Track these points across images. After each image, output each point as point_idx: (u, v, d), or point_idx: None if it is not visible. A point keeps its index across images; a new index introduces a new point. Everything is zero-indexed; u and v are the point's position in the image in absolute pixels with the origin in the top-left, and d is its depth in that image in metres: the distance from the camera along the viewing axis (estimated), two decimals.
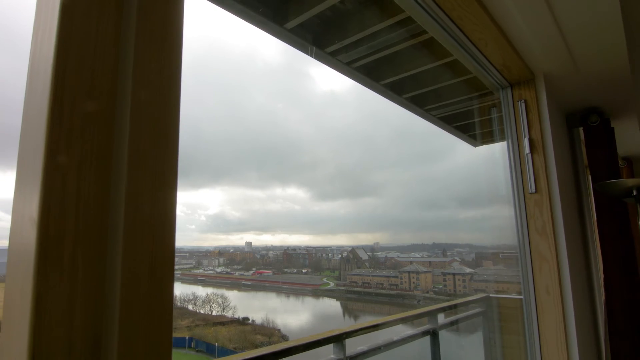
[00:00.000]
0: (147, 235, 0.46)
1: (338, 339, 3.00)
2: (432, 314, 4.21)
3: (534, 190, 2.22)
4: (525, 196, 2.25)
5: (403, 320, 3.88)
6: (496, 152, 4.10)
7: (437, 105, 3.50)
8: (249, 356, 2.43)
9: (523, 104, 2.28)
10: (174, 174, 0.50)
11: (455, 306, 4.90)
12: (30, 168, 0.42)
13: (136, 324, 0.44)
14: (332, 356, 3.00)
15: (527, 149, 2.24)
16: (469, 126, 3.77)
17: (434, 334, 4.23)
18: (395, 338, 3.72)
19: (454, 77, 2.97)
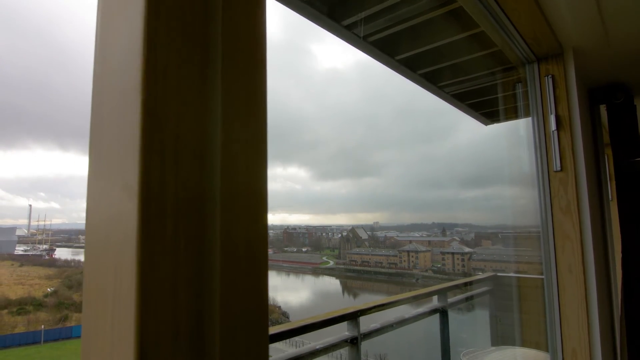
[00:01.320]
0: (242, 209, 0.42)
1: (352, 317, 3.01)
2: (442, 292, 4.22)
3: (559, 169, 2.17)
4: (549, 174, 2.20)
5: (415, 299, 3.90)
6: (509, 131, 4.04)
7: (451, 81, 3.42)
8: (283, 329, 2.42)
9: (550, 80, 2.21)
10: (264, 145, 0.45)
11: (464, 284, 4.93)
12: (121, 133, 0.37)
13: (236, 302, 0.40)
14: (347, 333, 3.01)
15: (553, 126, 2.18)
16: (482, 104, 3.70)
17: (443, 312, 4.25)
18: (406, 316, 3.74)
19: (473, 52, 2.88)
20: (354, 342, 2.99)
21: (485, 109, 3.83)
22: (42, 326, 41.66)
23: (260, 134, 0.45)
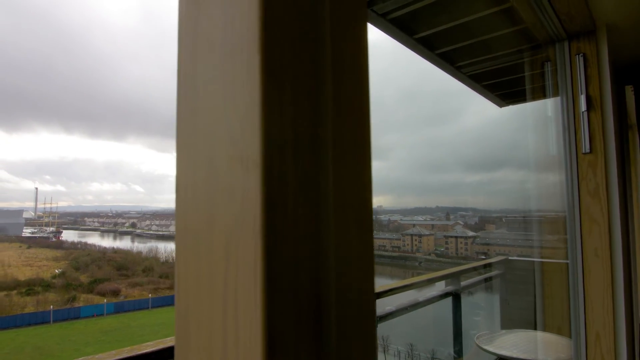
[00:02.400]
0: (350, 182, 0.38)
1: None
2: (456, 276, 4.22)
3: (588, 151, 2.12)
4: (578, 157, 2.15)
5: (430, 281, 3.90)
6: (526, 112, 3.97)
7: (470, 61, 3.33)
8: None
9: (581, 58, 2.14)
10: (369, 123, 0.41)
11: (475, 268, 4.92)
12: (238, 96, 0.33)
13: (348, 285, 0.37)
14: None
15: (583, 107, 2.12)
16: (500, 85, 3.63)
17: (456, 296, 4.26)
18: (420, 299, 3.74)
19: (497, 30, 2.80)
20: None
21: (503, 90, 3.76)
22: (51, 307, 42.38)
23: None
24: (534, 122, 2.66)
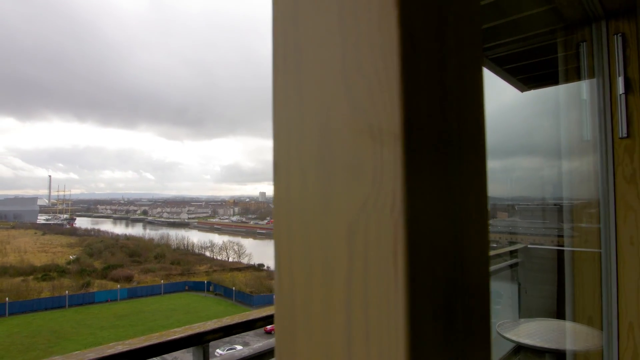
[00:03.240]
0: (471, 176, 0.34)
1: None
2: None
3: (625, 135, 2.04)
4: (614, 141, 2.07)
5: None
6: (550, 97, 3.86)
7: (494, 44, 3.23)
8: None
9: (620, 38, 2.05)
10: (485, 122, 0.37)
11: (493, 256, 4.87)
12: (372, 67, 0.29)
13: (470, 272, 0.33)
14: None
15: (620, 89, 2.03)
16: (523, 68, 3.52)
17: None
18: None
19: (525, 10, 2.69)
20: None
21: (526, 73, 3.65)
22: (66, 292, 43.25)
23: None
24: (565, 105, 2.58)
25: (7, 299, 39.61)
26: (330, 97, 0.30)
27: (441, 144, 0.29)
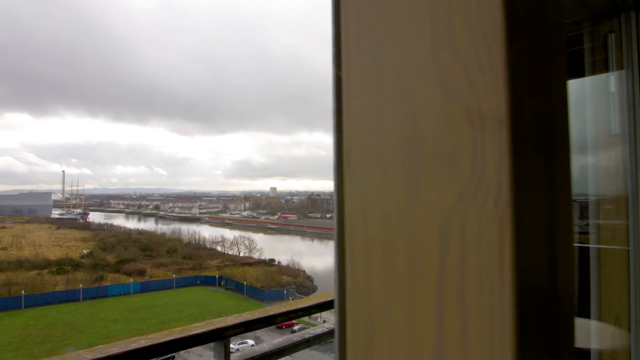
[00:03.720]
0: (564, 172, 0.31)
1: None
2: None
3: None
4: None
5: None
6: (570, 90, 3.78)
7: None
8: (329, 298, 2.39)
9: None
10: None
11: None
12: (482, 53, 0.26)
13: (562, 272, 0.30)
14: None
15: None
16: None
17: None
18: None
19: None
20: None
21: None
22: (80, 285, 43.93)
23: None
24: (591, 98, 2.51)
25: (22, 292, 40.37)
26: (417, 81, 0.27)
27: (543, 132, 0.27)
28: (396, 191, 0.28)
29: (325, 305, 2.39)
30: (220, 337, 1.86)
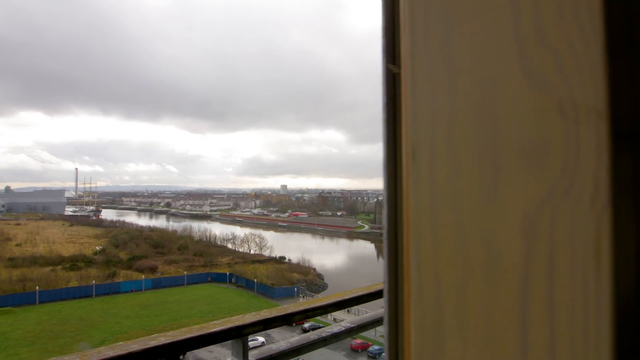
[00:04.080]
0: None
1: None
2: None
3: None
4: None
5: None
6: None
7: None
8: (347, 297, 2.38)
9: None
10: None
11: None
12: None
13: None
14: None
15: None
16: None
17: None
18: None
19: None
20: None
21: None
22: (93, 281, 44.51)
23: None
24: None
25: (37, 287, 41.05)
26: (497, 70, 0.26)
27: (638, 124, 0.25)
28: (471, 187, 0.27)
29: (342, 304, 2.38)
30: (238, 334, 1.86)
